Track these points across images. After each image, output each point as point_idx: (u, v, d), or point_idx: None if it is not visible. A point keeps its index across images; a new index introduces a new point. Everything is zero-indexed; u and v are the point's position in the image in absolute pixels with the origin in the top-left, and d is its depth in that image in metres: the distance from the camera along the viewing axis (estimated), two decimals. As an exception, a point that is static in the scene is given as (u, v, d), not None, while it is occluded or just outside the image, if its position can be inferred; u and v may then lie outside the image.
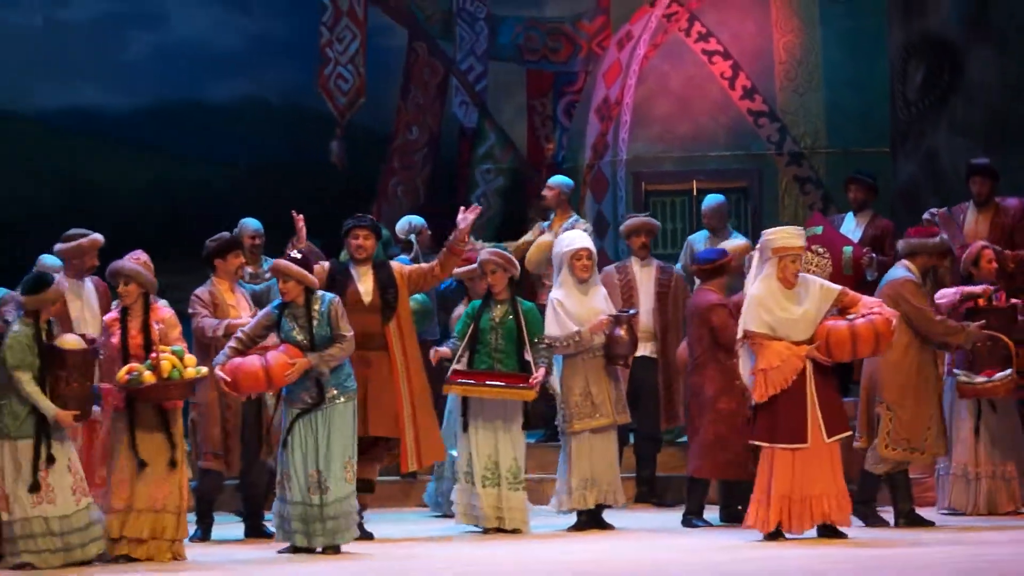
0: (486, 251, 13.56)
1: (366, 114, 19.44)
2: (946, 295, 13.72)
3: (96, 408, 12.19)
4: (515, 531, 13.17)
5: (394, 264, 13.29)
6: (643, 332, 14.55)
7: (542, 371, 13.11)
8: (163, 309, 12.25)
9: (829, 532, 12.52)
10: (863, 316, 12.43)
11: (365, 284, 13.05)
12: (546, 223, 15.70)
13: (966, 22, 16.60)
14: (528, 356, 13.18)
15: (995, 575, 10.72)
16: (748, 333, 12.46)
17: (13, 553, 11.59)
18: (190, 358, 11.98)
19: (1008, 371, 13.47)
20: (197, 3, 19.21)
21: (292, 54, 19.32)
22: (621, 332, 13.31)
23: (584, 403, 13.31)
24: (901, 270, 13.60)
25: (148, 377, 11.77)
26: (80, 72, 18.81)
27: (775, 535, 12.47)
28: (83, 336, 12.01)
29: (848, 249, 14.82)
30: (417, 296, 14.98)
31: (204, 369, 12.07)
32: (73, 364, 11.70)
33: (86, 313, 12.91)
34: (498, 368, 13.21)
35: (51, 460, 11.57)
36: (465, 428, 13.31)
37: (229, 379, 12.07)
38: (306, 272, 12.28)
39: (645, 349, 14.67)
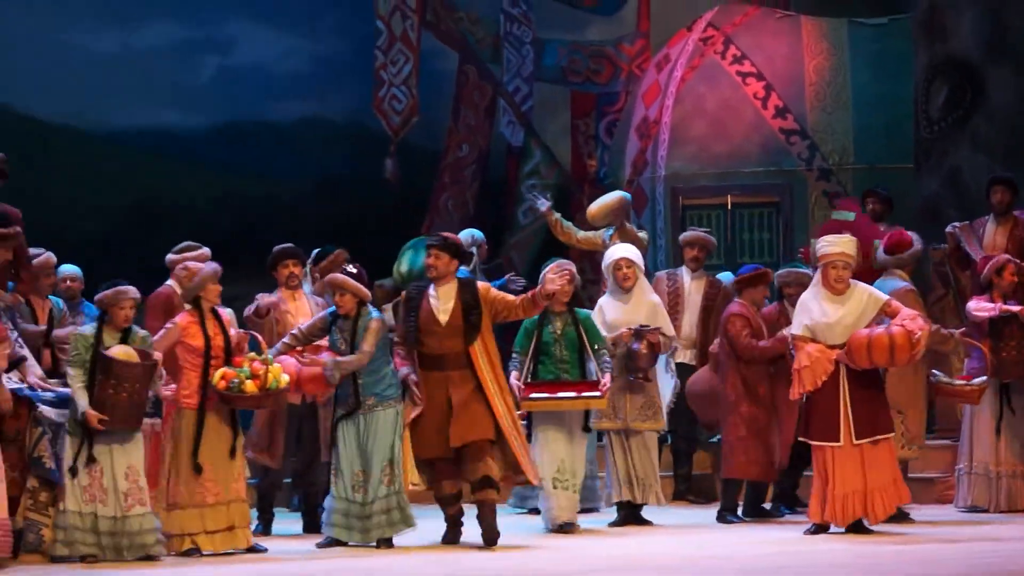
0: (550, 269, 13.07)
1: (419, 133, 19.43)
2: (984, 309, 13.66)
3: (156, 420, 12.20)
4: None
5: (480, 285, 12.57)
6: (685, 339, 14.60)
7: (608, 376, 12.88)
8: (224, 311, 12.17)
9: (859, 528, 12.46)
10: (889, 326, 12.34)
11: (444, 303, 12.32)
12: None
13: (986, 45, 16.54)
14: (591, 364, 12.95)
15: (1010, 569, 10.62)
16: (792, 335, 12.53)
17: (61, 542, 11.56)
18: (276, 367, 11.92)
19: (983, 378, 13.43)
20: (262, 29, 19.22)
21: (350, 76, 19.35)
22: (640, 346, 13.18)
23: (608, 407, 13.16)
24: (897, 280, 13.74)
25: (250, 386, 11.74)
26: (155, 95, 18.81)
27: (821, 528, 12.47)
28: (143, 352, 11.85)
29: (878, 243, 14.49)
30: None
31: (287, 378, 11.98)
32: (120, 375, 11.58)
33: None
34: (564, 378, 12.97)
35: (91, 460, 11.55)
36: (530, 439, 12.93)
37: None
38: (360, 286, 12.25)
39: (685, 356, 14.63)
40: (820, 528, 12.47)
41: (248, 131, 19.02)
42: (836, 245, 12.48)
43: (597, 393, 12.84)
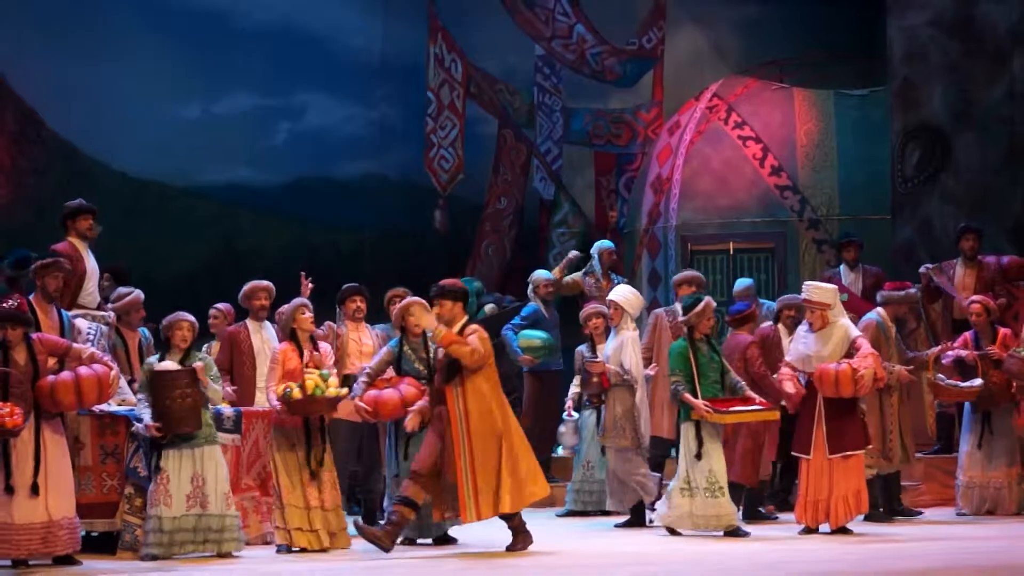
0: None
1: (464, 188, 19.44)
2: (960, 353, 13.67)
3: (236, 435, 12.17)
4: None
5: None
6: None
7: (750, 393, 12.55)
8: (323, 344, 12.21)
9: (843, 530, 12.46)
10: (840, 362, 12.33)
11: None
12: (584, 274, 15.47)
13: (954, 114, 16.55)
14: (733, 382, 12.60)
15: (981, 564, 10.66)
16: (785, 362, 12.63)
17: (145, 544, 11.54)
18: (333, 380, 11.84)
19: (979, 380, 13.47)
20: (328, 98, 19.27)
21: (404, 139, 19.35)
22: (591, 376, 13.08)
23: (613, 427, 13.07)
24: (873, 315, 13.68)
25: (296, 393, 11.72)
26: (233, 155, 18.91)
27: (811, 529, 12.46)
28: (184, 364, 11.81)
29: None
30: (541, 333, 15.00)
31: (344, 390, 11.90)
32: (163, 384, 11.47)
33: (266, 348, 12.78)
34: (724, 394, 12.49)
35: (158, 469, 11.46)
36: (699, 456, 12.39)
37: (370, 409, 11.90)
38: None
39: None
40: (810, 529, 12.47)
41: (314, 187, 19.05)
42: (813, 293, 12.53)
43: (767, 408, 12.45)
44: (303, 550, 11.80)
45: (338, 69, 19.13)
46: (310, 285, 12.88)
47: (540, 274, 15.16)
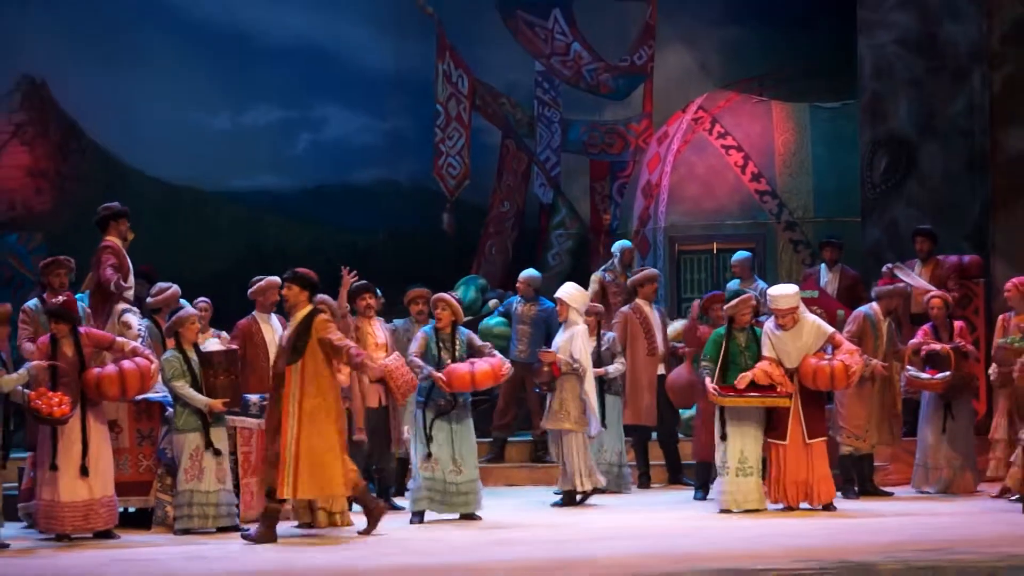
0: (743, 297, 12.76)
1: (470, 193, 19.34)
2: (934, 347, 13.72)
3: (260, 420, 12.11)
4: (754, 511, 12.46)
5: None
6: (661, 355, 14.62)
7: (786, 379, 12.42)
8: None
9: (828, 506, 12.52)
10: (832, 359, 12.43)
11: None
12: (603, 271, 15.59)
13: (918, 126, 16.55)
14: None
15: (942, 537, 10.82)
16: (764, 356, 12.64)
17: (178, 518, 11.64)
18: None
19: (947, 373, 13.54)
20: (345, 110, 19.16)
21: (414, 148, 19.25)
22: (543, 365, 12.99)
23: (560, 410, 13.00)
24: (864, 308, 13.78)
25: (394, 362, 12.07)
26: (260, 163, 18.86)
27: (790, 508, 12.53)
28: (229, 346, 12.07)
29: (841, 312, 14.52)
30: (501, 322, 14.98)
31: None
32: (218, 363, 11.70)
33: (275, 338, 12.64)
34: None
35: (208, 445, 11.59)
36: (724, 437, 12.47)
37: (446, 379, 12.05)
38: (459, 306, 12.38)
39: (661, 368, 14.54)
40: (791, 507, 12.52)
41: (332, 192, 18.94)
42: (780, 302, 12.56)
43: (781, 395, 12.37)
44: (309, 525, 11.84)
45: (354, 84, 19.05)
46: (351, 279, 12.80)
47: (526, 273, 15.15)
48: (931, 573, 9.25)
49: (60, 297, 11.77)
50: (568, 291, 13.21)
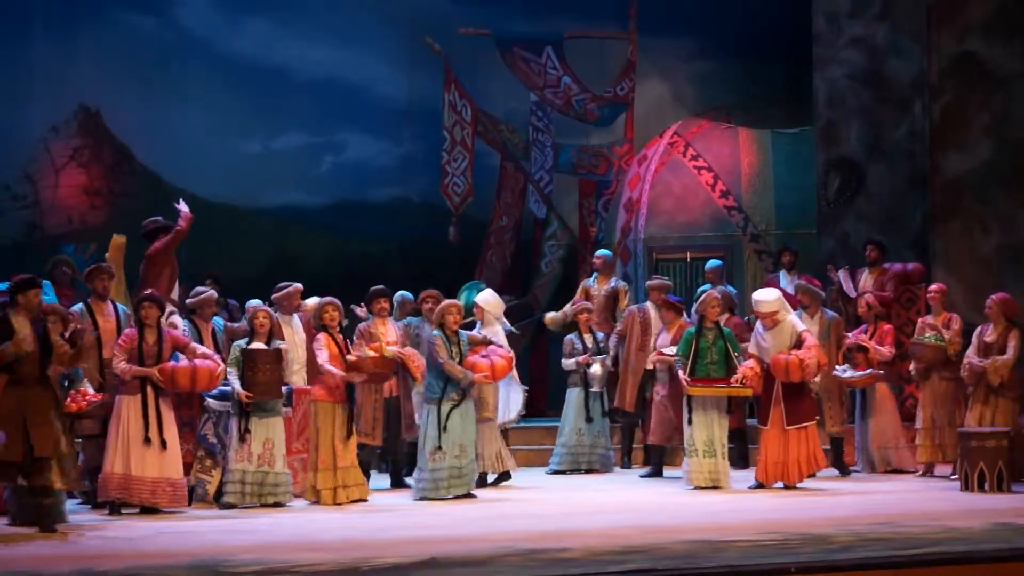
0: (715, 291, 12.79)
1: (473, 208, 19.30)
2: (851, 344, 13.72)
3: (288, 408, 12.10)
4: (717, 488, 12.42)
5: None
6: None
7: (740, 370, 12.36)
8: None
9: (789, 487, 12.51)
10: (789, 354, 12.36)
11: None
12: (591, 280, 15.55)
13: (867, 148, 16.58)
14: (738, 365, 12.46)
15: (886, 511, 10.80)
16: (748, 352, 12.62)
17: (225, 493, 11.64)
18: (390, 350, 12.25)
19: (870, 371, 13.51)
20: (364, 136, 19.15)
21: (424, 169, 19.23)
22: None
23: (477, 401, 12.82)
24: (828, 311, 13.92)
25: (371, 352, 12.10)
26: (288, 182, 18.90)
27: (761, 485, 12.48)
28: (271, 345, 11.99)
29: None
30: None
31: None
32: (255, 359, 11.66)
33: (295, 338, 12.72)
34: (714, 375, 12.49)
35: (246, 431, 11.53)
36: (690, 420, 12.43)
37: (487, 374, 12.18)
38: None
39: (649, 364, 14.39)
40: (760, 485, 12.51)
41: (351, 207, 18.97)
42: (762, 306, 12.52)
43: (742, 386, 12.35)
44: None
45: (371, 113, 19.09)
46: (363, 313, 13.05)
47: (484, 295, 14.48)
48: (881, 544, 9.19)
49: (149, 290, 11.88)
50: (486, 298, 13.35)
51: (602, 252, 15.86)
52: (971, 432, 12.46)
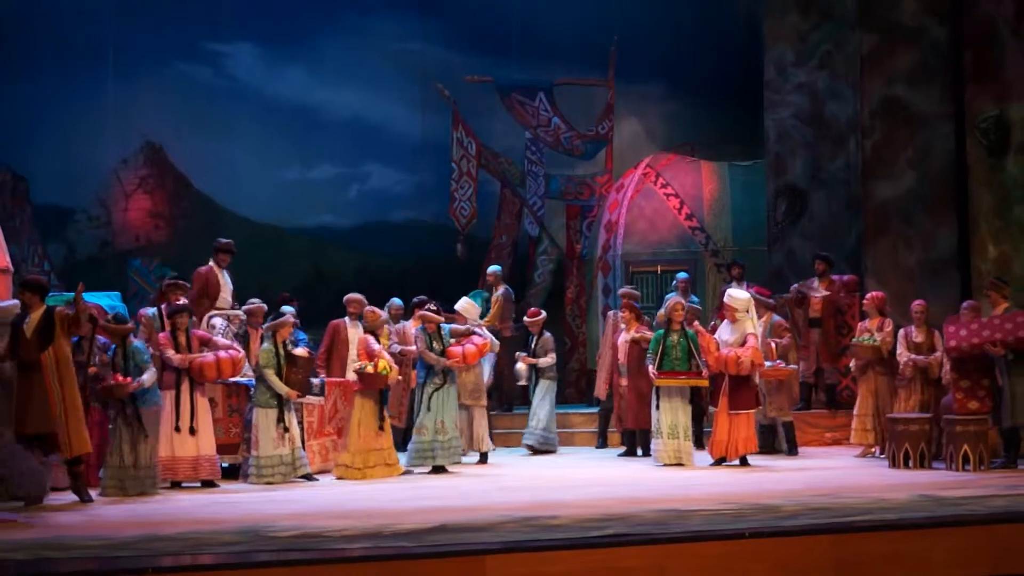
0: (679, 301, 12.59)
1: (477, 228, 19.23)
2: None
3: (321, 398, 12.11)
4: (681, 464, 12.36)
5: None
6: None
7: (705, 371, 12.42)
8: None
9: (744, 462, 12.46)
10: (729, 350, 12.30)
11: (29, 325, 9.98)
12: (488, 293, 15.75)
13: (810, 178, 16.58)
14: (699, 361, 12.42)
15: (832, 485, 10.75)
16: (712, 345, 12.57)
17: (256, 476, 11.52)
18: (395, 369, 11.96)
19: (794, 366, 13.53)
20: (385, 167, 19.04)
21: (436, 195, 19.15)
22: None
23: (462, 388, 12.79)
24: (776, 315, 13.85)
25: (369, 369, 11.86)
26: (322, 206, 18.80)
27: (720, 461, 12.42)
28: (308, 351, 12.06)
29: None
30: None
31: (388, 370, 11.89)
32: (299, 364, 11.75)
33: (355, 336, 12.59)
34: (677, 369, 12.47)
35: (281, 420, 11.54)
36: (658, 407, 12.45)
37: (460, 359, 12.13)
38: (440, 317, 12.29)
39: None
40: (719, 461, 12.47)
41: (375, 228, 18.90)
42: (733, 301, 12.51)
43: (700, 378, 12.34)
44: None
45: (392, 147, 19.01)
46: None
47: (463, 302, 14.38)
48: (823, 512, 9.16)
49: (181, 300, 11.87)
50: (463, 304, 13.17)
51: (492, 268, 15.96)
52: (898, 418, 12.45)
